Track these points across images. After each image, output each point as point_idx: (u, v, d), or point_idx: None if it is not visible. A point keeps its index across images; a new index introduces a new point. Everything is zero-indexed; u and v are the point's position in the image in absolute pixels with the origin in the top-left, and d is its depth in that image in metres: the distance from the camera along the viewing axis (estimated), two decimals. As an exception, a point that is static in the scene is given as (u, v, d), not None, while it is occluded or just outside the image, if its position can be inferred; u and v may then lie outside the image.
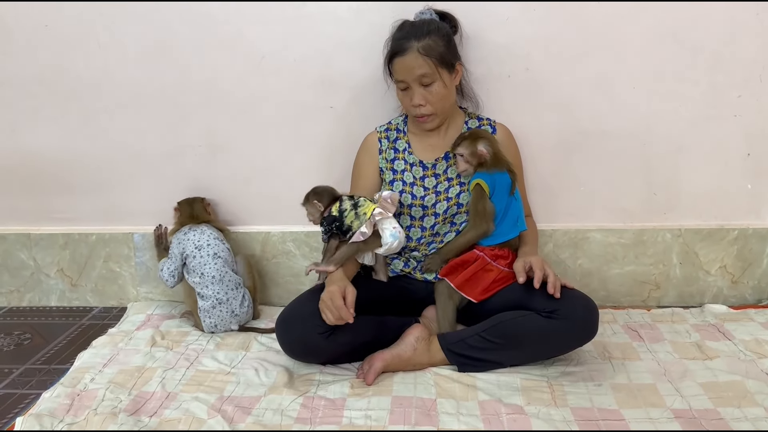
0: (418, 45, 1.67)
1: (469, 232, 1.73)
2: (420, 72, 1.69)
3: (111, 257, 2.19)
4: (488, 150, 1.69)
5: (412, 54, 1.68)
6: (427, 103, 1.73)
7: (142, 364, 1.73)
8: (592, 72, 1.97)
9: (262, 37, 1.98)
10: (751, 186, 2.06)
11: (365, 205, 1.69)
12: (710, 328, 1.89)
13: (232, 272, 1.95)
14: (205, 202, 2.06)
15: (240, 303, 1.93)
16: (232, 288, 1.92)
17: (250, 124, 2.06)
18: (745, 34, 1.93)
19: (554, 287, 1.56)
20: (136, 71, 2.03)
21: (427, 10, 1.79)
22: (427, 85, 1.70)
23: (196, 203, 2.04)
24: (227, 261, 1.95)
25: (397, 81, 1.74)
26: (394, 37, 1.75)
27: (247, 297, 1.97)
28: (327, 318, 1.56)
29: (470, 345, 1.64)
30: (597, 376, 1.62)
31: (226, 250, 1.97)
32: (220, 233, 2.00)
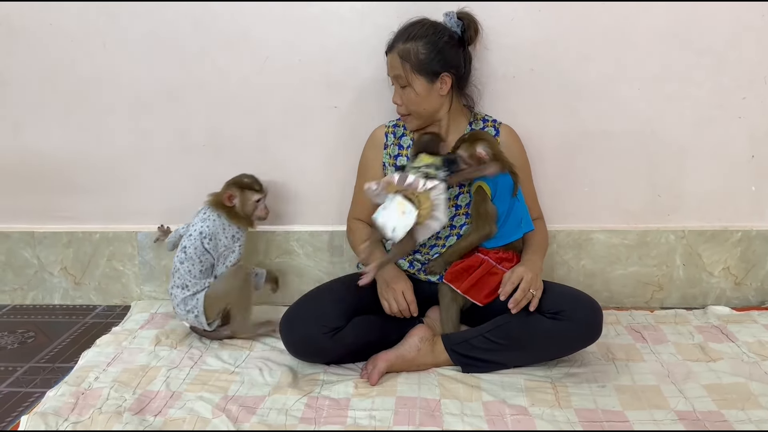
0: (401, 47, 1.70)
1: (472, 234, 1.73)
2: (394, 73, 1.73)
3: (115, 256, 2.19)
4: (487, 152, 1.68)
5: (393, 54, 1.72)
6: (402, 104, 1.75)
7: (146, 363, 1.73)
8: (597, 73, 1.97)
9: (267, 37, 1.99)
10: (754, 188, 2.06)
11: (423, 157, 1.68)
12: (713, 330, 1.89)
13: (188, 271, 1.80)
14: (230, 192, 1.85)
15: (180, 303, 1.81)
16: (177, 285, 1.82)
17: (254, 123, 2.06)
18: (750, 35, 1.94)
19: (515, 302, 1.57)
20: (141, 70, 2.04)
21: (452, 13, 1.78)
22: (403, 87, 1.73)
23: (224, 187, 1.88)
24: (192, 257, 1.80)
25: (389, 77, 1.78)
26: (394, 33, 1.77)
27: (198, 306, 1.80)
28: (391, 308, 1.69)
29: (474, 346, 1.64)
30: (601, 378, 1.62)
31: (199, 248, 1.80)
32: (223, 228, 1.83)
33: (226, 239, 1.84)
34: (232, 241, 1.85)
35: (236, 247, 1.86)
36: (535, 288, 1.59)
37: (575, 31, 1.94)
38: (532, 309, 1.58)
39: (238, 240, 1.87)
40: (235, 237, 1.86)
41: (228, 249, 1.85)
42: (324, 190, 2.09)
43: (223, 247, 1.84)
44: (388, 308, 1.72)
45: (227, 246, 1.84)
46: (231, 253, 1.86)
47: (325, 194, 2.09)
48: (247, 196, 1.87)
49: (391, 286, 1.72)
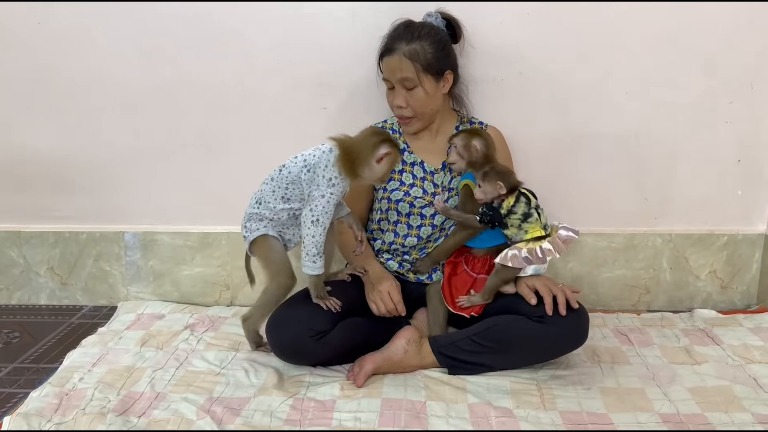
0: (406, 48, 1.69)
1: (458, 233, 1.74)
2: (402, 75, 1.70)
3: (101, 256, 2.18)
4: (481, 148, 1.69)
5: (398, 56, 1.70)
6: (408, 106, 1.74)
7: (131, 363, 1.72)
8: (586, 76, 1.98)
9: (257, 37, 1.98)
10: (741, 192, 2.08)
11: (533, 224, 1.61)
12: (699, 333, 1.89)
13: (271, 190, 1.65)
14: (389, 151, 1.58)
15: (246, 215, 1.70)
16: (255, 197, 1.70)
17: (245, 123, 2.06)
18: (739, 40, 1.95)
19: (562, 306, 1.57)
20: (132, 70, 2.03)
21: (436, 13, 1.79)
22: (410, 89, 1.72)
23: (374, 137, 1.60)
24: (283, 178, 1.63)
25: (384, 80, 1.76)
26: (388, 35, 1.75)
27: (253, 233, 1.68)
28: (379, 309, 1.70)
29: (461, 348, 1.64)
30: (586, 380, 1.62)
31: (294, 174, 1.61)
32: (324, 166, 1.59)
33: (322, 179, 1.58)
34: (327, 185, 1.58)
35: (327, 193, 1.58)
36: (556, 283, 1.62)
37: (564, 34, 1.95)
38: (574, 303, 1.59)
39: (332, 187, 1.58)
40: (331, 181, 1.58)
41: (320, 189, 1.58)
42: (313, 191, 2.09)
43: (316, 185, 1.59)
44: (376, 310, 1.72)
45: (319, 186, 1.59)
46: (320, 198, 1.58)
47: (313, 195, 2.09)
48: (397, 159, 1.64)
49: (378, 288, 1.72)
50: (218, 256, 2.15)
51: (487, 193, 1.64)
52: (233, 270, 2.15)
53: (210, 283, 2.17)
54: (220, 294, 2.18)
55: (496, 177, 1.63)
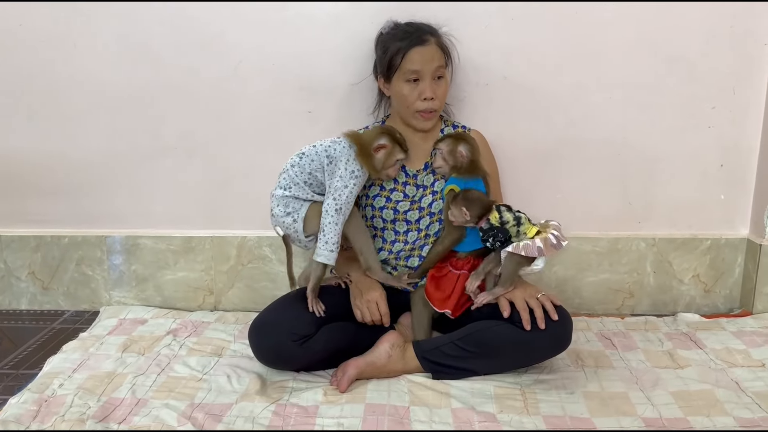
0: (435, 39, 1.74)
1: (445, 239, 1.73)
2: (437, 64, 1.73)
3: (84, 260, 2.16)
4: (467, 153, 1.69)
5: (432, 46, 1.73)
6: (435, 98, 1.75)
7: (112, 369, 1.70)
8: (570, 81, 1.99)
9: (240, 40, 1.98)
10: (723, 196, 2.09)
11: (527, 225, 1.63)
12: (682, 337, 1.90)
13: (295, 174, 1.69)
14: (383, 143, 1.70)
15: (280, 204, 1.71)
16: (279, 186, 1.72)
17: (227, 127, 2.05)
18: (720, 46, 1.97)
19: (540, 320, 1.56)
20: (113, 72, 2.02)
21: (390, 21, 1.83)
22: (439, 78, 1.75)
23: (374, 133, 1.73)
24: (304, 165, 1.69)
25: (411, 71, 1.73)
26: (404, 31, 1.75)
27: (301, 212, 1.70)
28: (364, 318, 1.70)
29: (445, 353, 1.64)
30: (569, 384, 1.62)
31: (316, 162, 1.68)
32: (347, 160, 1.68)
33: (345, 171, 1.67)
34: (350, 176, 1.67)
35: (350, 184, 1.66)
36: (535, 295, 1.60)
37: (548, 39, 1.96)
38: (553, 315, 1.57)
39: (354, 179, 1.67)
40: (354, 174, 1.67)
41: (342, 180, 1.66)
42: (297, 195, 2.08)
43: (338, 177, 1.66)
44: (360, 317, 1.72)
45: (342, 177, 1.66)
46: (344, 189, 1.66)
47: (298, 199, 2.08)
48: (394, 152, 1.72)
49: (366, 297, 1.72)
50: (202, 261, 2.14)
51: (456, 216, 1.65)
52: (217, 274, 2.14)
53: (193, 288, 2.16)
54: (204, 299, 2.16)
55: (462, 203, 1.63)
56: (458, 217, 1.64)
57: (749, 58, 1.98)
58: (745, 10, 1.94)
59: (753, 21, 1.95)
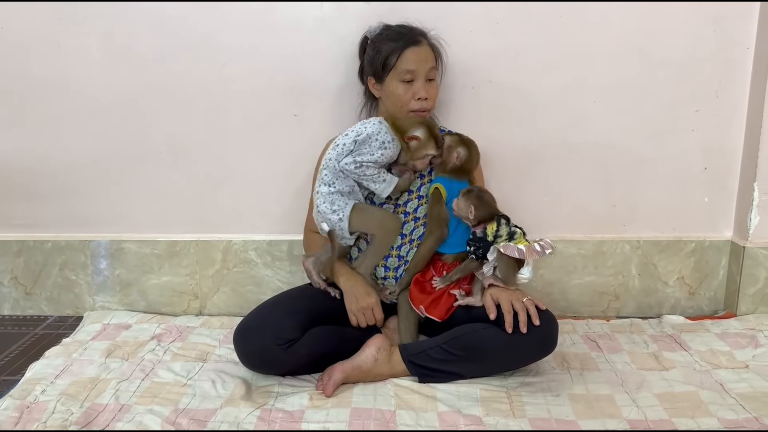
0: (428, 42, 1.78)
1: (428, 239, 1.73)
2: (431, 65, 1.76)
3: (67, 265, 2.14)
4: (461, 157, 1.71)
5: (425, 47, 1.76)
6: (429, 98, 1.76)
7: (95, 375, 1.68)
8: (555, 85, 2.00)
9: (226, 42, 1.97)
10: (707, 199, 2.10)
11: (519, 240, 1.63)
12: (667, 339, 1.91)
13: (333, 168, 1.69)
14: (416, 135, 1.69)
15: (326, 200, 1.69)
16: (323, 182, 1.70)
17: (212, 130, 2.04)
18: (704, 50, 1.98)
19: (524, 324, 1.55)
20: (98, 75, 2.01)
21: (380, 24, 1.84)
22: (431, 80, 1.77)
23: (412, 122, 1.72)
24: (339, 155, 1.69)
25: (406, 71, 1.73)
26: (397, 32, 1.77)
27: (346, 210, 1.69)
28: (360, 322, 1.72)
29: (431, 357, 1.63)
30: (555, 387, 1.63)
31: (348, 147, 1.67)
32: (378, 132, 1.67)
33: (375, 142, 1.66)
34: (378, 145, 1.66)
35: (376, 152, 1.66)
36: (521, 299, 1.59)
37: (534, 42, 1.97)
38: (536, 320, 1.56)
39: (385, 149, 1.66)
40: (385, 144, 1.66)
41: (370, 148, 1.66)
42: (283, 198, 2.07)
43: (366, 146, 1.66)
44: (355, 322, 1.72)
45: (369, 147, 1.66)
46: (369, 154, 1.66)
47: (284, 203, 2.07)
48: (427, 145, 1.70)
49: (361, 304, 1.71)
50: (186, 265, 2.12)
51: (460, 209, 1.65)
52: (202, 279, 2.13)
53: (178, 293, 2.14)
54: (189, 303, 2.15)
55: (473, 201, 1.63)
56: (462, 210, 1.65)
57: (732, 62, 2.00)
58: (728, 14, 1.96)
59: (736, 25, 1.97)
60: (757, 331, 1.93)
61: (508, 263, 1.62)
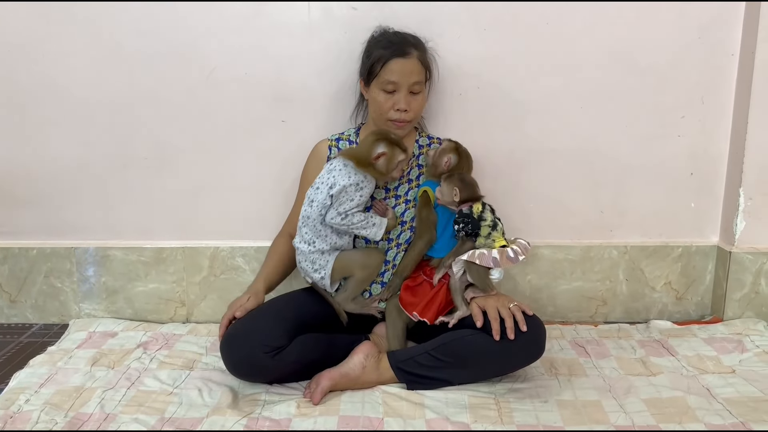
0: (417, 53, 1.73)
1: (417, 243, 1.73)
2: (415, 79, 1.73)
3: (52, 272, 2.12)
4: (450, 164, 1.72)
5: (413, 60, 1.72)
6: (410, 110, 1.75)
7: (81, 384, 1.67)
8: (542, 91, 2.01)
9: (213, 49, 1.96)
10: (694, 205, 2.12)
11: (499, 234, 1.66)
12: (655, 344, 1.92)
13: (314, 224, 1.70)
14: (383, 152, 1.66)
15: (307, 260, 1.72)
16: (304, 240, 1.72)
17: (199, 136, 2.03)
18: (689, 57, 2.00)
19: (510, 330, 1.55)
20: (84, 80, 1.99)
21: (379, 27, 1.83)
22: (416, 93, 1.74)
23: (369, 141, 1.69)
24: (317, 211, 1.68)
25: (388, 82, 1.72)
26: (388, 40, 1.75)
27: (327, 268, 1.71)
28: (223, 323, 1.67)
29: (419, 363, 1.63)
30: (543, 393, 1.63)
31: (325, 200, 1.66)
32: (348, 175, 1.66)
33: (350, 187, 1.66)
34: (355, 189, 1.66)
35: (356, 197, 1.66)
36: (507, 305, 1.60)
37: (520, 49, 1.97)
38: (523, 326, 1.56)
39: (361, 189, 1.67)
40: (360, 185, 1.66)
41: (347, 196, 1.66)
42: (271, 204, 2.06)
43: (344, 194, 1.65)
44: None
45: (348, 194, 1.66)
46: (349, 201, 1.65)
47: (271, 209, 2.05)
48: (395, 153, 1.68)
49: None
50: (173, 272, 2.11)
51: (444, 195, 1.67)
52: (188, 286, 2.11)
53: (164, 300, 2.13)
54: (175, 311, 2.13)
55: (456, 183, 1.66)
56: (446, 195, 1.67)
57: (717, 69, 2.01)
58: (713, 22, 1.97)
59: (720, 33, 1.98)
60: (743, 335, 1.94)
61: (478, 270, 1.64)
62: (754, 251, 2.05)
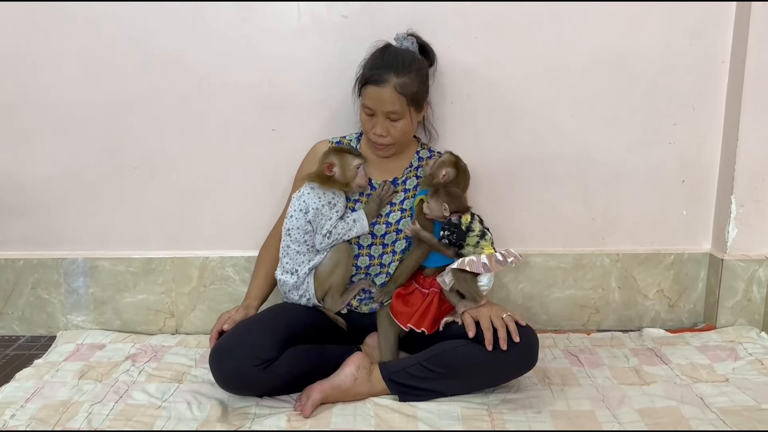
0: (396, 81, 1.65)
1: (415, 251, 1.72)
2: (389, 108, 1.67)
3: (39, 283, 2.09)
4: (447, 177, 1.71)
5: (388, 89, 1.65)
6: (388, 135, 1.72)
7: (68, 398, 1.64)
8: (533, 98, 2.00)
9: (203, 56, 1.95)
10: (686, 212, 2.11)
11: (488, 244, 1.66)
12: (648, 353, 1.91)
13: (296, 253, 1.73)
14: (329, 162, 1.70)
15: (292, 290, 1.75)
16: (287, 271, 1.75)
17: (189, 144, 2.01)
18: (680, 64, 2.00)
19: (503, 341, 1.54)
20: (72, 88, 1.97)
21: (410, 37, 1.77)
22: (394, 120, 1.70)
23: (321, 159, 1.74)
24: (297, 239, 1.72)
25: (365, 105, 1.71)
26: (373, 62, 1.71)
27: (309, 290, 1.74)
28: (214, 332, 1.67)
29: (412, 374, 1.61)
30: (536, 404, 1.61)
31: (303, 227, 1.71)
32: (318, 197, 1.70)
33: (323, 207, 1.70)
34: (329, 208, 1.70)
35: (333, 214, 1.69)
36: (500, 315, 1.58)
37: (511, 57, 1.97)
38: (516, 337, 1.54)
39: (335, 206, 1.71)
40: (331, 203, 1.70)
41: (324, 217, 1.69)
42: (262, 213, 2.03)
43: (321, 215, 1.69)
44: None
45: (324, 214, 1.69)
46: (327, 220, 1.69)
47: (262, 218, 2.02)
48: (347, 160, 1.70)
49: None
50: (162, 283, 2.08)
51: (433, 210, 1.66)
52: (178, 297, 2.09)
53: (154, 311, 2.10)
54: (165, 322, 2.11)
55: (443, 198, 1.65)
56: (435, 210, 1.66)
57: (708, 76, 2.01)
58: (704, 28, 1.97)
59: (711, 39, 1.99)
60: (736, 343, 1.94)
61: (465, 279, 1.63)
62: (746, 258, 2.05)
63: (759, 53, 1.92)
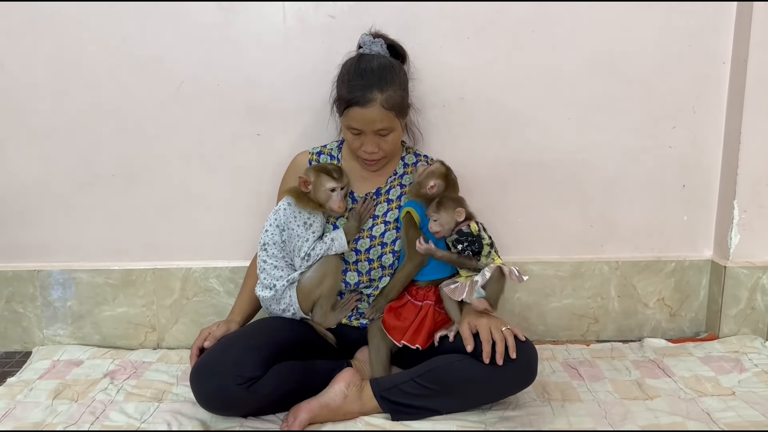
0: (382, 98, 1.57)
1: (407, 265, 1.64)
2: (379, 126, 1.60)
3: (14, 297, 2.01)
4: (434, 190, 1.62)
5: (375, 108, 1.57)
6: (380, 150, 1.65)
7: (41, 419, 1.55)
8: (528, 102, 1.94)
9: (182, 60, 1.88)
10: (686, 218, 2.05)
11: (496, 252, 1.61)
12: (650, 365, 1.84)
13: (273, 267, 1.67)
14: (305, 177, 1.64)
15: (273, 304, 1.68)
16: (266, 287, 1.68)
17: (169, 151, 1.94)
18: (679, 65, 1.94)
19: (500, 356, 1.46)
20: (44, 95, 1.90)
21: (378, 39, 1.67)
22: (384, 135, 1.63)
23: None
24: (274, 254, 1.67)
25: (350, 126, 1.62)
26: (352, 83, 1.60)
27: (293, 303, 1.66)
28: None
29: (404, 391, 1.53)
30: (536, 421, 1.54)
31: (279, 243, 1.67)
32: (294, 216, 1.65)
33: (299, 227, 1.64)
34: (305, 228, 1.64)
35: (309, 235, 1.63)
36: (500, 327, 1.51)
37: (505, 59, 1.91)
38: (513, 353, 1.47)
39: (311, 227, 1.64)
40: (307, 224, 1.64)
41: (301, 238, 1.64)
42: (246, 222, 1.96)
43: (296, 237, 1.64)
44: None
45: (299, 235, 1.64)
46: (304, 242, 1.63)
47: (247, 227, 1.95)
48: (321, 180, 1.64)
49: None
50: (143, 295, 2.00)
51: (445, 223, 1.58)
52: (159, 309, 2.01)
53: (134, 324, 2.02)
54: (146, 336, 2.02)
55: (453, 204, 1.58)
56: (448, 222, 1.58)
57: (708, 77, 1.96)
58: (703, 29, 1.92)
59: (711, 40, 1.93)
60: (741, 354, 1.87)
61: (500, 286, 1.57)
62: (749, 265, 1.98)
63: (762, 54, 1.87)
